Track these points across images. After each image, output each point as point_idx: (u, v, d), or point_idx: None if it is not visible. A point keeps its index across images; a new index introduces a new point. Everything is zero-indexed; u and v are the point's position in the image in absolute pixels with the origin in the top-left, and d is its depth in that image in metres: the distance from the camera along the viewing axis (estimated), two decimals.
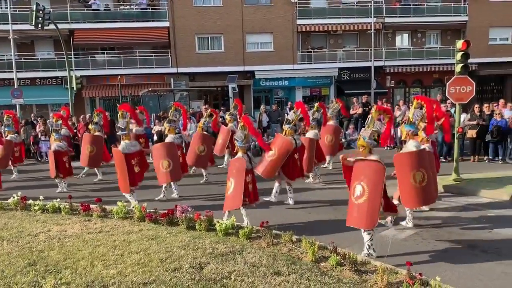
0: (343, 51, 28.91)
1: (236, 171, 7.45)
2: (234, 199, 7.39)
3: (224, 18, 27.06)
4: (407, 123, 7.51)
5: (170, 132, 10.45)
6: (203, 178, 11.69)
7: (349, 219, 6.16)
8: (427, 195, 6.98)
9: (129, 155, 9.15)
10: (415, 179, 6.78)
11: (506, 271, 5.66)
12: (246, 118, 8.22)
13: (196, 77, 27.22)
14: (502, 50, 29.42)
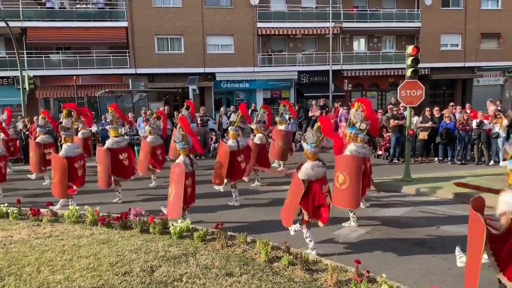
0: (303, 55, 29.34)
1: (176, 177, 7.36)
2: (173, 207, 7.33)
3: (184, 19, 26.85)
4: (349, 126, 7.79)
5: (111, 133, 10.07)
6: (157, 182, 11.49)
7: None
8: (345, 198, 7.24)
9: (72, 158, 8.87)
10: (337, 180, 7.24)
11: (450, 267, 5.91)
12: (183, 118, 8.15)
13: (156, 78, 26.85)
14: (453, 55, 30.80)
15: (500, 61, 31.30)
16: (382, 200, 9.60)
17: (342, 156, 7.42)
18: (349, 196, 7.19)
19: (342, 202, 7.33)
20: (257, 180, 11.17)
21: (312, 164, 6.18)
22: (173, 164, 7.71)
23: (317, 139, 6.22)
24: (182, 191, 7.21)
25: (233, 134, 9.39)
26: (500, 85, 32.48)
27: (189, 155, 7.68)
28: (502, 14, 31.00)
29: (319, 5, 29.08)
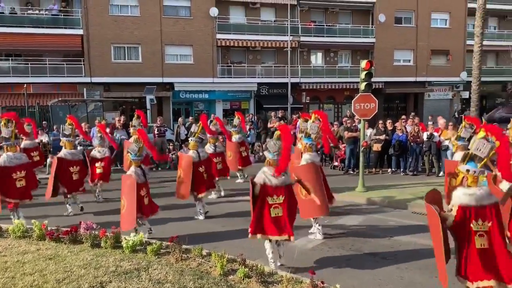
0: (262, 67, 29.64)
1: (127, 189, 7.21)
2: (127, 219, 7.18)
3: (142, 29, 26.48)
4: (305, 136, 7.92)
5: (66, 147, 9.73)
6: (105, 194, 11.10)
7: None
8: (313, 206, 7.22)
9: (9, 169, 8.39)
10: (301, 191, 7.15)
11: (402, 275, 6.07)
12: (141, 131, 8.07)
13: (112, 87, 26.22)
14: (405, 70, 32.09)
15: (448, 76, 32.91)
16: (337, 210, 9.75)
17: (299, 167, 7.51)
18: (316, 204, 7.16)
19: (311, 213, 7.40)
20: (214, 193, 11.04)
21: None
22: (124, 176, 7.52)
23: (279, 147, 6.24)
24: (135, 202, 7.06)
25: (194, 145, 9.27)
26: (449, 99, 34.11)
27: (140, 165, 7.57)
28: (450, 32, 32.68)
29: (277, 18, 29.55)
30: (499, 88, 34.90)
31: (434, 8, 32.06)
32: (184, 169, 8.95)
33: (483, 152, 4.62)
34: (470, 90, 18.49)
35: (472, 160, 4.65)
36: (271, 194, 6.12)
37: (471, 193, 4.52)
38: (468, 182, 4.60)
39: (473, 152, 4.69)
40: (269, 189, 6.13)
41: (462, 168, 4.66)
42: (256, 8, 29.25)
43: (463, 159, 4.73)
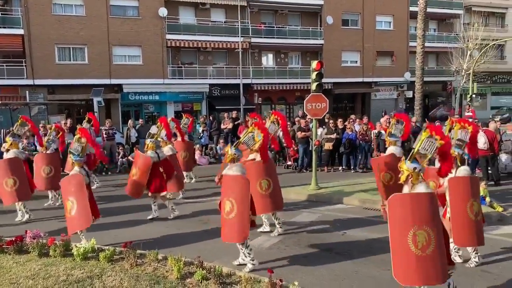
0: (213, 68, 29.50)
1: (76, 188, 6.98)
2: (81, 217, 6.92)
3: (88, 29, 25.56)
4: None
5: (12, 147, 9.33)
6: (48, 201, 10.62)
7: (223, 234, 6.26)
8: (274, 201, 7.57)
9: None
10: (261, 186, 7.45)
11: (357, 270, 6.23)
12: (83, 129, 7.88)
13: (56, 89, 25.11)
14: (353, 71, 33.08)
15: (393, 77, 34.29)
16: (292, 208, 9.88)
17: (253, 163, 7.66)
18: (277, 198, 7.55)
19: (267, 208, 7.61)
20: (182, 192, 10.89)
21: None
22: (68, 177, 7.26)
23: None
24: (87, 199, 6.89)
25: (152, 146, 9.09)
26: (394, 99, 35.54)
27: (83, 166, 7.35)
28: (394, 34, 34.07)
29: (228, 19, 29.53)
30: (440, 88, 36.82)
31: (379, 11, 33.30)
32: (141, 169, 8.77)
33: (429, 151, 4.90)
34: (413, 90, 19.40)
35: (415, 159, 4.88)
36: None
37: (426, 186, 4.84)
38: (413, 180, 4.81)
39: (420, 151, 4.93)
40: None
41: (409, 166, 4.82)
42: (206, 9, 29.07)
43: (409, 157, 4.92)
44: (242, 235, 6.08)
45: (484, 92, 37.97)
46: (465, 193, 5.90)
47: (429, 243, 4.51)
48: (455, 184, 5.98)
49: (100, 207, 8.03)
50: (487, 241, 7.36)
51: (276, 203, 7.69)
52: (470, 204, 5.87)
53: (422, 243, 4.52)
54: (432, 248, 4.51)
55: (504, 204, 9.61)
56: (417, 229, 4.55)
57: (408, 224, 4.61)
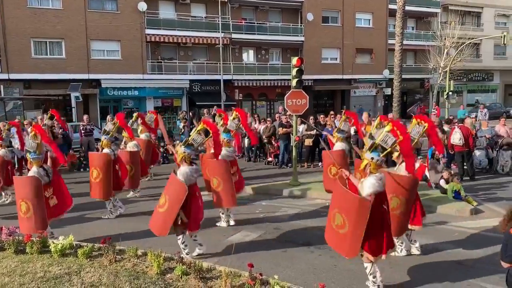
0: (194, 64, 29.30)
1: (32, 192, 6.83)
2: (36, 222, 6.86)
3: (65, 22, 25.05)
4: (223, 131, 8.41)
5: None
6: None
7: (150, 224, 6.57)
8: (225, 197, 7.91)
9: None
10: (213, 183, 7.94)
11: (335, 264, 6.31)
12: (37, 126, 7.71)
13: (33, 84, 24.56)
14: (332, 68, 33.35)
15: (372, 74, 34.70)
16: (273, 204, 9.94)
17: (213, 161, 8.03)
18: (225, 196, 7.88)
19: (221, 203, 7.98)
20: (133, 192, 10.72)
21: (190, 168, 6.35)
22: (24, 178, 7.13)
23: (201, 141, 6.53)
24: (43, 203, 6.84)
25: (107, 143, 8.95)
26: (373, 96, 35.98)
27: (43, 165, 7.12)
28: (373, 31, 34.46)
29: (208, 15, 29.36)
30: (417, 85, 37.42)
31: (358, 8, 33.60)
32: (102, 168, 8.64)
33: (388, 144, 5.14)
34: (392, 87, 19.68)
35: (376, 150, 5.13)
36: None
37: (380, 177, 5.12)
38: (371, 169, 5.12)
39: (379, 143, 5.16)
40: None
41: (367, 156, 5.13)
42: (186, 4, 28.83)
43: (369, 148, 5.19)
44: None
45: (460, 89, 38.77)
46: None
47: (342, 226, 5.20)
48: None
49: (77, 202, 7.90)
50: (462, 234, 7.57)
51: (225, 201, 7.93)
52: (389, 199, 5.81)
53: (338, 223, 5.26)
54: (345, 231, 5.18)
55: (478, 199, 9.89)
56: (336, 212, 5.32)
57: (334, 206, 5.42)
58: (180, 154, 6.46)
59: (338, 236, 5.31)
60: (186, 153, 6.42)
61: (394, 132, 5.17)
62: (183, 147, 6.45)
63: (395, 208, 5.98)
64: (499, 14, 40.20)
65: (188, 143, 6.50)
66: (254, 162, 16.13)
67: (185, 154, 6.41)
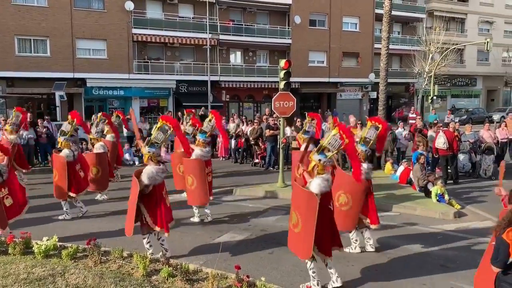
0: (181, 64, 29.17)
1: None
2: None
3: (50, 20, 24.73)
4: (199, 132, 8.86)
5: None
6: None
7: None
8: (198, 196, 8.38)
9: None
10: (187, 181, 8.41)
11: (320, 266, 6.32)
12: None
13: (16, 82, 24.17)
14: (319, 71, 33.55)
15: (358, 78, 35.01)
16: (259, 205, 9.94)
17: (189, 160, 8.51)
18: (198, 194, 8.34)
19: (194, 201, 8.43)
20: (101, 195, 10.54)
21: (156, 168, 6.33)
22: None
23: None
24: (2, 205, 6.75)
25: (66, 144, 8.83)
26: (359, 99, 36.30)
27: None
28: (359, 35, 34.77)
29: (196, 15, 29.28)
30: (403, 89, 37.90)
31: (346, 12, 33.89)
32: (59, 170, 8.61)
33: (334, 146, 5.36)
34: (378, 91, 19.86)
35: (323, 152, 5.33)
36: None
37: (327, 178, 5.30)
38: (319, 170, 5.30)
39: (325, 145, 5.37)
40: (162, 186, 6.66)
41: (315, 158, 5.31)
42: (173, 4, 28.72)
43: (317, 150, 5.39)
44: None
45: (445, 94, 39.42)
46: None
47: (296, 225, 5.36)
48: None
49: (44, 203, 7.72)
50: (446, 237, 7.68)
51: (198, 199, 8.41)
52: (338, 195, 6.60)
53: (293, 222, 5.45)
54: (298, 230, 5.34)
55: (462, 202, 10.05)
56: (292, 210, 5.51)
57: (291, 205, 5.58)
58: (145, 154, 6.46)
59: (294, 236, 5.49)
60: (151, 152, 6.40)
61: (341, 136, 5.39)
62: (147, 147, 6.42)
63: (343, 204, 6.53)
64: (483, 20, 40.97)
65: (151, 143, 6.48)
66: (241, 163, 16.12)
67: (150, 153, 6.39)
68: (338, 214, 6.18)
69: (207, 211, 8.55)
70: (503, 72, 40.60)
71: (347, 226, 6.66)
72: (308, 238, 5.13)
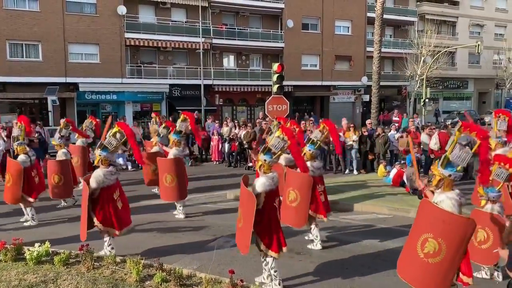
0: (174, 68, 29.14)
1: None
2: None
3: (42, 25, 24.61)
4: (174, 133, 9.33)
5: None
6: None
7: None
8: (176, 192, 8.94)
9: None
10: (166, 179, 8.88)
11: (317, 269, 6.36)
12: None
13: (7, 87, 23.98)
14: (312, 74, 33.65)
15: (351, 81, 35.16)
16: None
17: (164, 159, 9.15)
18: (176, 192, 8.88)
19: (170, 197, 9.03)
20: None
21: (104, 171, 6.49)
22: None
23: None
24: None
25: (22, 149, 8.78)
26: (352, 102, 36.44)
27: None
28: (352, 39, 34.95)
29: (189, 19, 29.29)
30: (395, 92, 38.11)
31: (338, 16, 34.05)
32: (13, 177, 8.53)
33: (277, 148, 5.60)
34: (370, 94, 19.97)
35: (268, 153, 5.58)
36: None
37: (272, 177, 5.50)
38: (264, 169, 5.55)
39: (270, 146, 5.63)
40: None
41: (261, 158, 5.60)
42: (166, 8, 28.70)
43: (262, 150, 5.67)
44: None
45: (436, 96, 39.69)
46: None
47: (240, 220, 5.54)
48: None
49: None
50: None
51: (177, 195, 8.99)
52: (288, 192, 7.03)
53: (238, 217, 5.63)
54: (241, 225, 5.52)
55: None
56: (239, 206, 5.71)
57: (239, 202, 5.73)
58: (97, 156, 6.65)
59: (238, 231, 5.63)
60: (102, 156, 6.57)
61: (284, 137, 5.64)
62: (99, 150, 6.61)
63: (292, 201, 6.88)
64: (474, 24, 41.36)
65: (104, 146, 6.61)
66: (235, 167, 16.11)
67: (101, 156, 6.58)
68: (289, 211, 6.79)
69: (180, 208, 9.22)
70: (494, 74, 41.00)
71: (298, 222, 7.01)
72: (246, 234, 5.29)
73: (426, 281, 4.33)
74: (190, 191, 10.08)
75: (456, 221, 4.19)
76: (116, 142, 6.62)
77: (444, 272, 4.24)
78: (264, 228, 5.42)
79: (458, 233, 4.17)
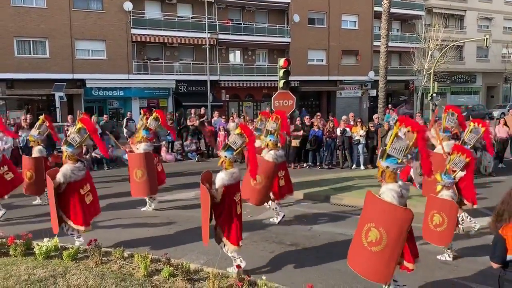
0: (180, 64, 29.17)
1: None
2: None
3: (49, 22, 24.74)
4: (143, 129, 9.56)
5: None
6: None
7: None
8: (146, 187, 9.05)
9: None
10: (136, 175, 8.99)
11: (323, 263, 6.35)
12: None
13: (15, 84, 24.19)
14: (318, 69, 33.53)
15: (358, 75, 35.00)
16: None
17: (134, 154, 9.32)
18: (149, 185, 9.05)
19: (143, 192, 9.10)
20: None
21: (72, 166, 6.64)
22: None
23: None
24: None
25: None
26: (359, 97, 36.28)
27: None
28: (358, 33, 34.75)
29: (195, 15, 29.28)
30: (402, 86, 37.87)
31: (344, 10, 33.86)
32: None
33: (237, 144, 5.86)
34: (377, 88, 19.86)
35: (229, 149, 5.87)
36: None
37: (232, 172, 5.82)
38: (226, 165, 5.87)
39: (228, 143, 5.92)
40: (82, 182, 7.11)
41: (221, 154, 5.93)
42: (172, 4, 28.72)
43: (223, 147, 5.97)
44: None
45: (444, 91, 39.39)
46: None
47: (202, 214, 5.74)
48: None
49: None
50: None
51: (148, 189, 9.11)
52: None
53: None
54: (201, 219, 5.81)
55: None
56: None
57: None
58: (64, 152, 6.82)
59: (202, 227, 5.78)
60: (68, 151, 6.74)
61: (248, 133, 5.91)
62: (65, 146, 6.76)
63: (258, 184, 7.74)
64: (482, 17, 40.95)
65: (68, 143, 6.74)
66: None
67: (68, 152, 6.75)
68: (253, 191, 7.83)
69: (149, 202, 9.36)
70: (503, 68, 40.60)
71: (259, 200, 8.09)
72: (204, 227, 5.63)
73: (369, 269, 4.68)
74: (195, 186, 10.06)
75: (395, 211, 4.53)
76: (80, 138, 6.70)
77: (386, 260, 4.55)
78: (224, 221, 5.73)
79: (396, 222, 4.51)
